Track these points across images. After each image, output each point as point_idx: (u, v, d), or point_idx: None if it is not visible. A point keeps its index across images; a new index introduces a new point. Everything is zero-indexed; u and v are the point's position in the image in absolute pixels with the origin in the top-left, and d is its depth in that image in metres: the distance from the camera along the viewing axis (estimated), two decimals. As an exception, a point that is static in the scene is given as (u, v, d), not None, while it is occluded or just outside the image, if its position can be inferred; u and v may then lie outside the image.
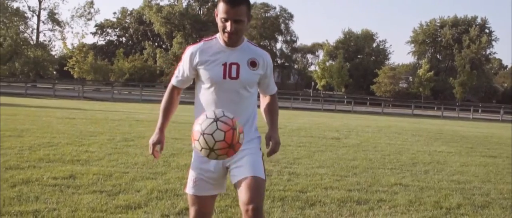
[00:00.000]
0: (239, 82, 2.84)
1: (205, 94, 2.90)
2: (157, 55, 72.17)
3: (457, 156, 9.99)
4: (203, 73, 2.87)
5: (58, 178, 5.54)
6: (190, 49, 2.91)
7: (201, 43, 2.93)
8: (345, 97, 52.91)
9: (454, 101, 53.80)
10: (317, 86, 61.34)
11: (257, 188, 2.74)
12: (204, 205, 2.92)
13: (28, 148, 7.80)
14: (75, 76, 53.35)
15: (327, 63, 60.75)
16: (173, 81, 3.03)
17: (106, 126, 12.25)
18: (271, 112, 3.07)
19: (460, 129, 20.99)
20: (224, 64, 2.83)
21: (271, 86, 3.07)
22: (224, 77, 2.82)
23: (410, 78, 62.45)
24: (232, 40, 2.80)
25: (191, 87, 3.17)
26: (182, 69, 2.96)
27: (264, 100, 3.12)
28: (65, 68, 54.36)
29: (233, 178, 2.88)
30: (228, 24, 2.72)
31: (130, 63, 60.16)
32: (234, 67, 2.83)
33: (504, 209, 5.25)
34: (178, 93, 3.07)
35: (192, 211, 2.95)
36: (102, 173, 5.97)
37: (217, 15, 2.78)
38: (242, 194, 2.74)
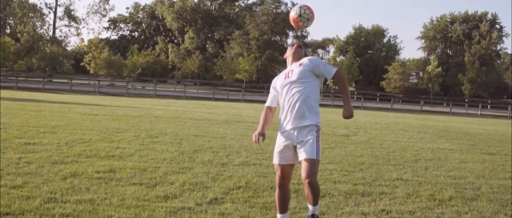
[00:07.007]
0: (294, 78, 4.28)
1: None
2: (169, 50, 73.11)
3: (458, 153, 10.65)
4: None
5: (101, 172, 6.35)
6: (273, 80, 4.48)
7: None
8: (355, 93, 53.45)
9: (463, 98, 54.10)
10: (327, 82, 61.82)
11: (311, 167, 4.01)
12: (283, 170, 4.25)
13: (65, 144, 8.63)
14: (91, 71, 54.42)
15: (338, 59, 61.23)
16: (266, 103, 4.43)
17: (128, 123, 13.03)
18: (340, 90, 4.33)
19: (466, 125, 21.57)
20: (286, 74, 4.37)
21: (328, 70, 4.25)
22: (285, 78, 4.36)
23: (421, 73, 62.75)
24: None
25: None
26: (271, 92, 4.43)
27: (335, 83, 4.35)
28: (81, 63, 55.50)
29: (298, 156, 4.14)
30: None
31: (144, 58, 61.16)
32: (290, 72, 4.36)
33: (490, 201, 5.97)
34: (270, 111, 4.42)
35: (276, 177, 4.31)
36: (137, 167, 6.78)
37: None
38: (302, 171, 4.04)
